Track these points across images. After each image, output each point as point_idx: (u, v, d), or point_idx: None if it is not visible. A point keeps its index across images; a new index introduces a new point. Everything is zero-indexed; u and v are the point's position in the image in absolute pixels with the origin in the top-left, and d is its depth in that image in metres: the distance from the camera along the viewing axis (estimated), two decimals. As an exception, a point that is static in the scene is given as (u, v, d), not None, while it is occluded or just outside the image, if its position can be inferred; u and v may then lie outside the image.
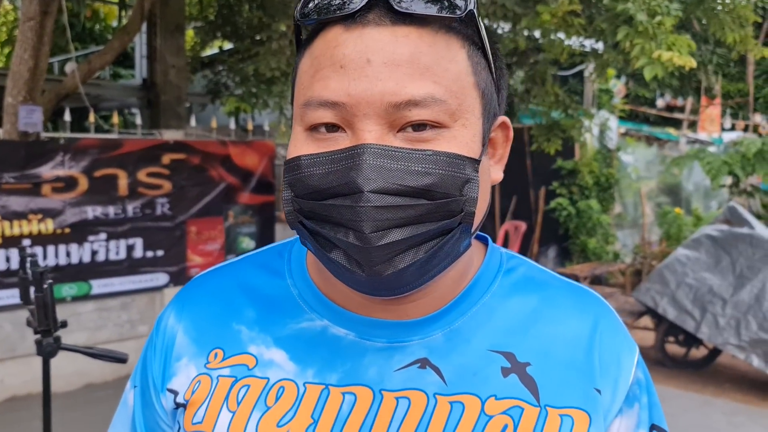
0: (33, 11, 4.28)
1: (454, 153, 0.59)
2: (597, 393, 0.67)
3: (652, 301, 5.85)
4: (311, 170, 0.60)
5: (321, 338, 0.69)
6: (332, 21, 0.61)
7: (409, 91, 0.58)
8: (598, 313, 0.73)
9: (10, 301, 4.43)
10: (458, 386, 0.66)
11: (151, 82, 6.36)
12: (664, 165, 10.78)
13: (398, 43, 0.59)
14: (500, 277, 0.73)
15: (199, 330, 0.73)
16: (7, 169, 4.34)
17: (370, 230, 0.57)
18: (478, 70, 0.64)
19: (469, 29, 0.63)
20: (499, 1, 3.95)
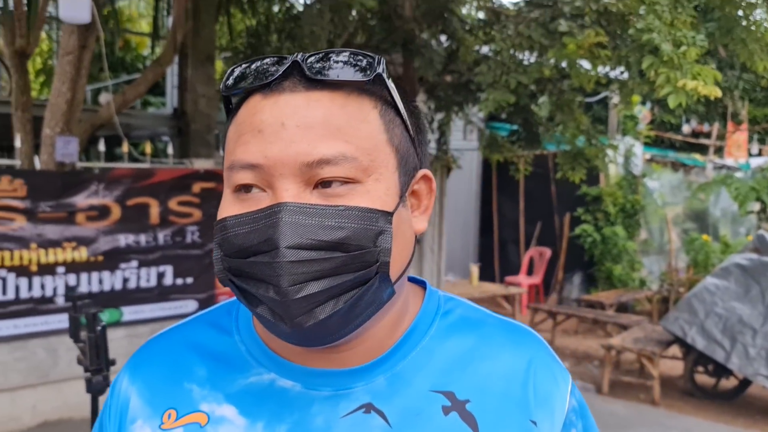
0: (72, 45, 4.41)
1: (366, 207, 0.63)
2: (533, 425, 0.71)
3: (681, 330, 5.78)
4: (236, 230, 0.64)
5: (269, 391, 0.71)
6: (253, 90, 0.66)
7: (320, 151, 0.62)
8: (531, 347, 0.77)
9: (43, 327, 4.51)
10: (402, 427, 0.68)
11: (182, 111, 6.50)
12: (690, 191, 10.69)
13: (311, 107, 0.64)
14: (438, 320, 0.76)
15: (152, 391, 0.74)
16: (43, 198, 4.44)
17: (288, 284, 0.60)
18: (391, 128, 0.68)
19: (380, 90, 0.68)
20: (525, 33, 4.00)
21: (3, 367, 4.39)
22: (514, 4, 5.43)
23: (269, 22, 6.91)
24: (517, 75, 3.92)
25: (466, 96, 6.08)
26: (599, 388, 6.02)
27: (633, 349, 5.85)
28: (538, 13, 4.10)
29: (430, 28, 5.48)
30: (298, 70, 0.65)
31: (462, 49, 5.05)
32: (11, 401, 4.43)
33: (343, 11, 4.87)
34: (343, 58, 0.65)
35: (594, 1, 3.72)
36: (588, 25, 3.82)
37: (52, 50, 9.30)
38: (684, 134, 11.95)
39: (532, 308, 8.00)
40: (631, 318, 7.28)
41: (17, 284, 4.40)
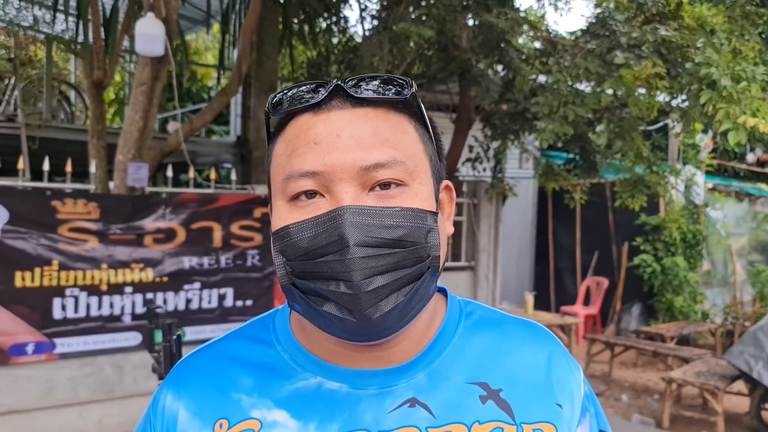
0: (145, 77, 4.66)
1: (418, 207, 0.71)
2: (559, 408, 0.79)
3: (746, 364, 5.58)
4: (300, 235, 0.69)
5: (317, 394, 0.76)
6: (300, 111, 0.74)
7: (375, 156, 0.70)
8: (548, 342, 0.86)
9: (111, 345, 4.70)
10: (446, 418, 0.75)
11: (245, 139, 6.73)
12: (756, 221, 10.35)
13: (360, 120, 0.72)
14: (463, 320, 0.84)
15: (200, 404, 0.78)
16: (115, 221, 4.66)
17: (360, 278, 0.66)
18: (425, 141, 0.77)
19: (413, 109, 0.77)
20: (582, 64, 4.03)
21: (73, 382, 4.59)
22: (570, 34, 5.46)
23: (329, 53, 7.12)
24: (574, 107, 3.94)
25: (522, 125, 6.11)
26: (659, 423, 5.85)
27: (695, 383, 5.68)
28: (595, 43, 4.12)
29: (487, 58, 5.55)
30: (341, 91, 0.73)
31: (518, 78, 5.10)
32: (79, 415, 4.62)
33: (402, 42, 4.99)
34: (381, 81, 0.74)
35: (651, 32, 3.72)
36: (646, 55, 3.81)
37: (124, 81, 9.78)
38: (749, 163, 11.60)
39: (589, 339, 7.85)
40: (694, 351, 7.06)
41: (88, 303, 4.61)
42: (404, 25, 4.73)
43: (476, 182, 6.62)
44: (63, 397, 4.55)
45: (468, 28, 5.57)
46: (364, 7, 6.40)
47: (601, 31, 4.38)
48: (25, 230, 4.35)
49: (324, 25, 7.19)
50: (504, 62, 5.67)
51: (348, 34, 7.09)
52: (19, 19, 6.32)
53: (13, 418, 4.37)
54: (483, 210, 6.57)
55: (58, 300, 4.49)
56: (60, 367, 4.53)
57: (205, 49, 12.93)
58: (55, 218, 4.45)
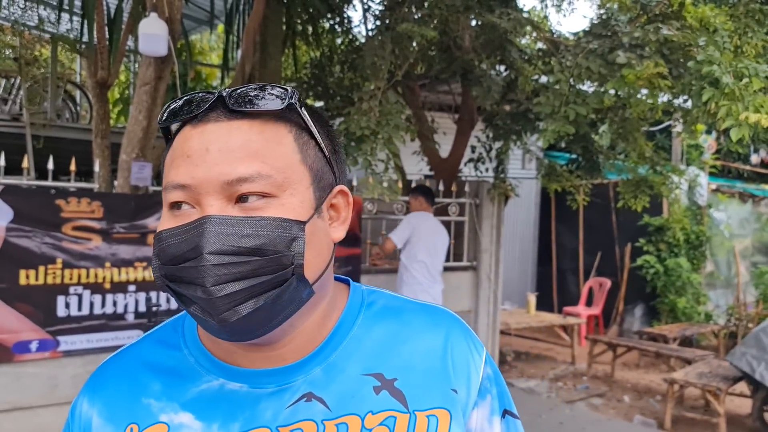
0: (149, 77, 4.68)
1: (280, 217, 0.73)
2: (454, 393, 0.81)
3: (749, 366, 5.58)
4: (169, 241, 0.73)
5: (219, 395, 0.79)
6: (184, 123, 0.77)
7: (238, 171, 0.72)
8: (447, 325, 0.87)
9: (114, 342, 4.72)
10: (341, 410, 0.77)
11: (248, 139, 6.74)
12: (759, 223, 10.33)
13: (232, 134, 0.74)
14: (363, 311, 0.86)
15: (112, 410, 0.81)
16: (118, 219, 4.68)
17: (211, 284, 0.70)
18: (305, 150, 0.78)
19: (296, 117, 0.78)
20: (584, 64, 4.03)
21: (76, 380, 4.61)
22: (573, 35, 5.47)
23: (332, 53, 7.14)
24: (576, 106, 3.95)
25: (524, 125, 6.12)
26: (661, 424, 5.85)
27: (697, 385, 5.68)
28: (597, 43, 4.12)
29: (489, 59, 5.56)
30: (222, 103, 0.75)
31: (521, 78, 5.10)
32: (82, 412, 4.65)
33: (404, 42, 5.00)
34: (260, 92, 0.76)
35: (654, 32, 3.73)
36: (648, 55, 3.81)
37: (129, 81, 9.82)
38: (752, 164, 11.58)
39: (592, 339, 7.85)
40: (696, 352, 7.06)
41: (92, 301, 4.63)
42: (407, 26, 4.75)
43: (478, 182, 6.63)
44: (66, 395, 4.57)
45: (470, 29, 5.58)
46: (368, 7, 6.42)
47: (604, 31, 4.38)
48: (30, 229, 4.38)
49: (327, 26, 7.21)
50: (506, 63, 5.67)
51: (351, 35, 7.11)
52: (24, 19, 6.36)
53: (17, 415, 4.40)
54: (485, 210, 6.57)
55: (62, 298, 4.52)
56: (63, 365, 4.56)
57: (209, 49, 12.97)
58: (60, 217, 4.47)
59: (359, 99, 4.92)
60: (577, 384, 7.22)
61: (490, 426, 0.84)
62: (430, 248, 5.36)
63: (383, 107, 4.80)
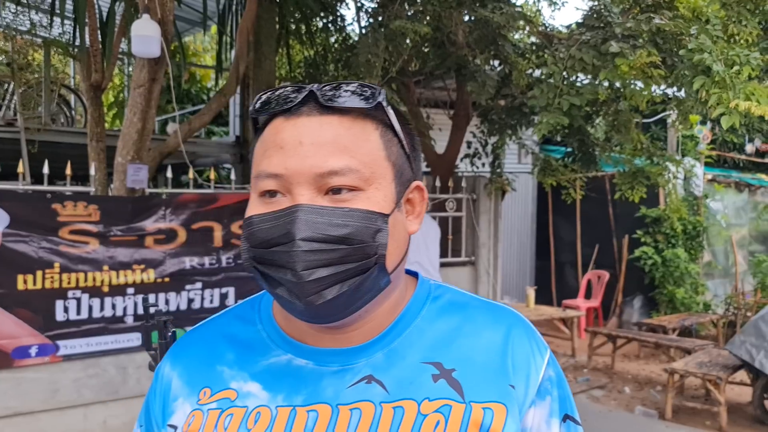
0: (143, 79, 4.68)
1: (367, 209, 0.77)
2: (511, 388, 0.83)
3: (748, 354, 5.60)
4: (260, 226, 0.78)
5: (286, 369, 0.85)
6: (276, 114, 0.81)
7: (331, 164, 0.76)
8: (509, 324, 0.89)
9: (113, 346, 4.72)
10: (399, 394, 0.81)
11: (244, 139, 6.75)
12: (756, 212, 10.35)
13: (323, 128, 0.78)
14: (428, 304, 0.90)
15: (190, 374, 0.89)
16: (115, 222, 4.68)
17: (301, 269, 0.74)
18: (389, 146, 0.82)
19: (381, 115, 0.82)
20: (577, 55, 4.03)
21: (76, 384, 4.61)
22: (566, 27, 5.47)
23: (326, 52, 7.14)
24: (570, 97, 3.95)
25: (519, 119, 6.12)
26: (662, 414, 5.87)
27: (698, 374, 5.70)
28: (590, 35, 4.13)
29: (483, 54, 5.56)
30: (314, 98, 0.79)
31: (515, 73, 5.10)
32: (84, 417, 4.65)
33: (398, 39, 5.00)
34: (351, 88, 0.80)
35: (646, 22, 3.73)
36: (641, 45, 3.82)
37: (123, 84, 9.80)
38: (748, 153, 11.59)
39: (591, 332, 7.86)
40: (696, 342, 7.08)
41: (90, 304, 4.63)
42: (400, 23, 4.75)
43: (475, 177, 6.63)
44: (67, 399, 4.57)
45: (464, 24, 5.58)
46: (360, 5, 6.41)
47: (597, 22, 4.38)
48: (26, 233, 4.37)
49: (321, 24, 7.20)
50: (500, 57, 5.68)
51: (345, 33, 7.10)
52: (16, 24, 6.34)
53: (18, 420, 4.40)
54: (482, 205, 6.57)
55: (61, 302, 4.51)
56: (63, 369, 4.56)
57: (203, 51, 12.95)
58: (56, 221, 4.47)
59: (353, 96, 4.91)
60: (577, 376, 7.23)
61: (548, 427, 0.86)
62: (424, 246, 5.35)
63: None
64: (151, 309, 1.63)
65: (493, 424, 0.79)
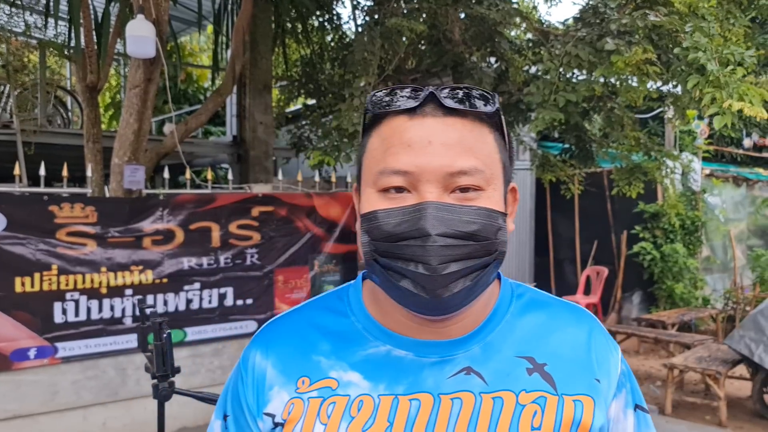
0: (138, 79, 4.67)
1: (491, 208, 0.82)
2: (597, 382, 0.89)
3: (747, 349, 5.60)
4: (386, 220, 0.80)
5: (386, 360, 0.88)
6: (395, 113, 0.84)
7: (460, 164, 0.80)
8: (590, 323, 0.96)
9: (112, 347, 4.72)
10: (497, 385, 0.86)
11: (241, 139, 6.74)
12: (754, 206, 10.35)
13: (449, 129, 0.82)
14: (514, 301, 0.95)
15: (285, 363, 0.90)
16: (112, 224, 4.67)
17: (437, 262, 0.77)
18: (501, 149, 0.87)
19: (494, 119, 0.86)
20: (573, 52, 4.03)
21: (76, 386, 4.61)
22: (562, 23, 5.46)
23: (323, 51, 7.12)
24: (565, 94, 3.95)
25: (516, 116, 6.11)
26: (662, 409, 5.87)
27: (697, 369, 5.70)
28: (586, 31, 4.12)
29: (479, 51, 5.55)
30: (434, 99, 0.82)
31: (511, 69, 5.10)
32: (83, 418, 4.64)
33: (394, 37, 4.99)
34: (473, 93, 0.84)
35: (641, 18, 3.73)
36: (636, 41, 3.81)
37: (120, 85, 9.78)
38: (745, 148, 11.59)
39: (591, 328, 7.85)
40: (695, 337, 7.08)
41: (88, 306, 4.62)
42: (395, 20, 4.74)
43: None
44: (66, 401, 4.57)
45: (460, 21, 5.57)
46: (356, 3, 6.40)
47: (592, 18, 4.38)
48: (24, 236, 4.37)
49: (317, 23, 7.19)
50: (496, 54, 5.67)
51: (341, 31, 7.09)
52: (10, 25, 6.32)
53: (17, 423, 4.40)
54: (480, 202, 6.57)
55: (59, 304, 4.51)
56: (63, 371, 4.55)
57: (200, 51, 12.93)
58: (53, 223, 4.46)
59: (350, 95, 4.92)
60: (577, 373, 7.23)
61: (624, 418, 0.92)
62: None
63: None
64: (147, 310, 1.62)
65: (584, 416, 0.85)
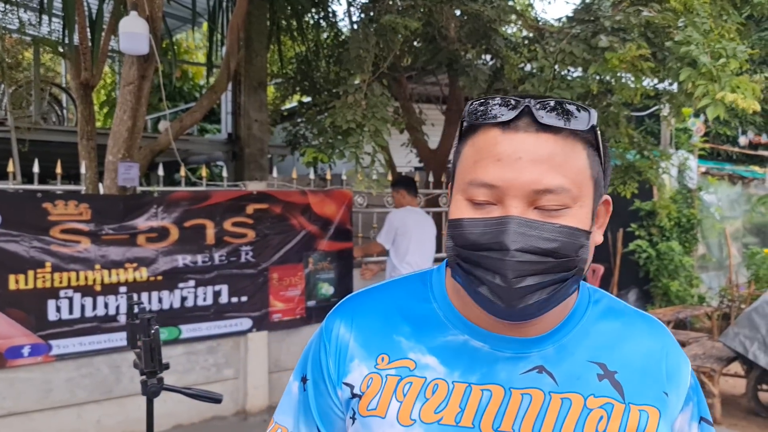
0: (132, 76, 4.65)
1: (575, 227, 0.82)
2: (665, 395, 0.90)
3: (742, 346, 5.61)
4: (470, 229, 0.83)
5: (463, 348, 0.92)
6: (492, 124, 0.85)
7: (546, 182, 0.81)
8: (664, 336, 0.97)
9: (107, 345, 4.71)
10: (567, 387, 0.88)
11: (236, 136, 6.73)
12: (750, 204, 10.37)
13: (540, 146, 0.82)
14: (591, 306, 0.96)
15: (367, 339, 0.95)
16: (106, 221, 4.65)
17: (513, 276, 0.80)
18: (593, 164, 0.86)
19: (589, 134, 0.86)
20: (567, 49, 4.03)
21: (70, 384, 4.60)
22: (558, 20, 5.46)
23: (318, 48, 7.11)
24: (560, 91, 3.95)
25: (512, 113, 6.11)
26: (657, 407, 5.88)
27: (692, 366, 5.71)
28: (581, 28, 4.12)
29: (474, 48, 5.55)
30: (529, 113, 0.83)
31: (507, 67, 5.09)
32: (78, 416, 4.63)
33: (389, 34, 4.98)
34: (568, 108, 0.84)
35: (634, 15, 3.73)
36: (631, 38, 3.81)
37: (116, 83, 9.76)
38: (741, 146, 11.61)
39: (586, 326, 7.86)
40: (690, 335, 7.09)
41: (83, 303, 4.61)
42: (390, 17, 4.73)
43: (468, 173, 6.62)
44: (61, 399, 4.56)
45: (455, 18, 5.57)
46: (352, 0, 6.39)
47: (587, 16, 4.38)
48: (17, 233, 4.35)
49: (312, 21, 7.18)
50: (492, 51, 5.67)
51: (336, 29, 7.08)
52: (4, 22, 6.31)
53: (11, 420, 4.39)
54: (476, 200, 6.57)
55: (53, 302, 4.50)
56: (57, 369, 4.54)
57: (195, 48, 12.90)
58: (47, 220, 4.45)
59: (345, 92, 4.91)
60: (572, 370, 7.24)
61: (689, 429, 0.94)
62: (419, 245, 5.34)
63: (369, 100, 4.79)
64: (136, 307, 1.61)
65: (648, 427, 0.87)
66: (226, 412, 5.30)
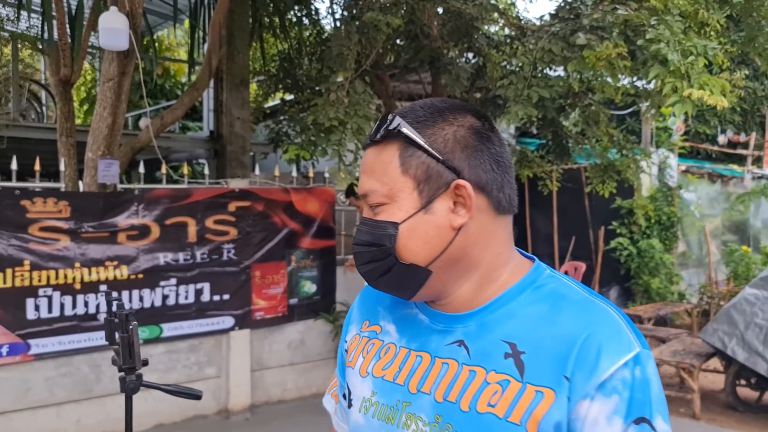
0: (112, 72, 4.62)
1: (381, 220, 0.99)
2: (566, 379, 0.91)
3: (720, 342, 5.68)
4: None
5: (414, 320, 1.09)
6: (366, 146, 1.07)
7: (365, 187, 1.01)
8: (594, 321, 0.94)
9: (87, 344, 4.67)
10: (476, 360, 0.98)
11: (218, 134, 6.69)
12: (728, 202, 10.50)
13: (366, 158, 1.04)
14: (528, 291, 1.02)
15: (362, 308, 1.20)
16: (86, 219, 4.62)
17: (358, 263, 1.03)
18: (409, 161, 0.98)
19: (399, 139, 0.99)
20: (546, 47, 4.05)
21: (49, 383, 4.55)
22: (539, 19, 5.49)
23: (300, 46, 7.09)
24: (539, 89, 3.97)
25: (493, 111, 6.14)
26: (637, 402, 5.93)
27: (671, 362, 5.77)
28: (560, 26, 4.15)
29: (457, 46, 5.56)
30: None
31: (489, 65, 5.11)
32: (57, 416, 4.59)
33: (371, 32, 4.98)
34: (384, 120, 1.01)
35: (611, 12, 3.76)
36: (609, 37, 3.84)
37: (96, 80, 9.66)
38: (720, 145, 11.74)
39: (568, 323, 7.91)
40: (670, 331, 7.16)
41: (62, 302, 4.57)
42: (372, 15, 4.73)
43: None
44: (39, 398, 4.51)
45: (437, 16, 5.58)
46: (334, -2, 6.38)
47: (568, 14, 4.40)
48: (-5, 231, 4.30)
49: (294, 18, 7.16)
50: (474, 49, 5.68)
51: (319, 26, 7.06)
52: (-18, 18, 6.22)
53: (-11, 420, 4.33)
54: (459, 198, 6.58)
55: (32, 300, 4.45)
56: (36, 368, 4.50)
57: (177, 45, 12.80)
58: (25, 218, 4.40)
59: (327, 90, 4.90)
60: (554, 367, 7.28)
61: (607, 424, 0.88)
62: None
63: (351, 97, 4.79)
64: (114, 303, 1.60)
65: (539, 407, 0.91)
66: (208, 410, 5.27)
